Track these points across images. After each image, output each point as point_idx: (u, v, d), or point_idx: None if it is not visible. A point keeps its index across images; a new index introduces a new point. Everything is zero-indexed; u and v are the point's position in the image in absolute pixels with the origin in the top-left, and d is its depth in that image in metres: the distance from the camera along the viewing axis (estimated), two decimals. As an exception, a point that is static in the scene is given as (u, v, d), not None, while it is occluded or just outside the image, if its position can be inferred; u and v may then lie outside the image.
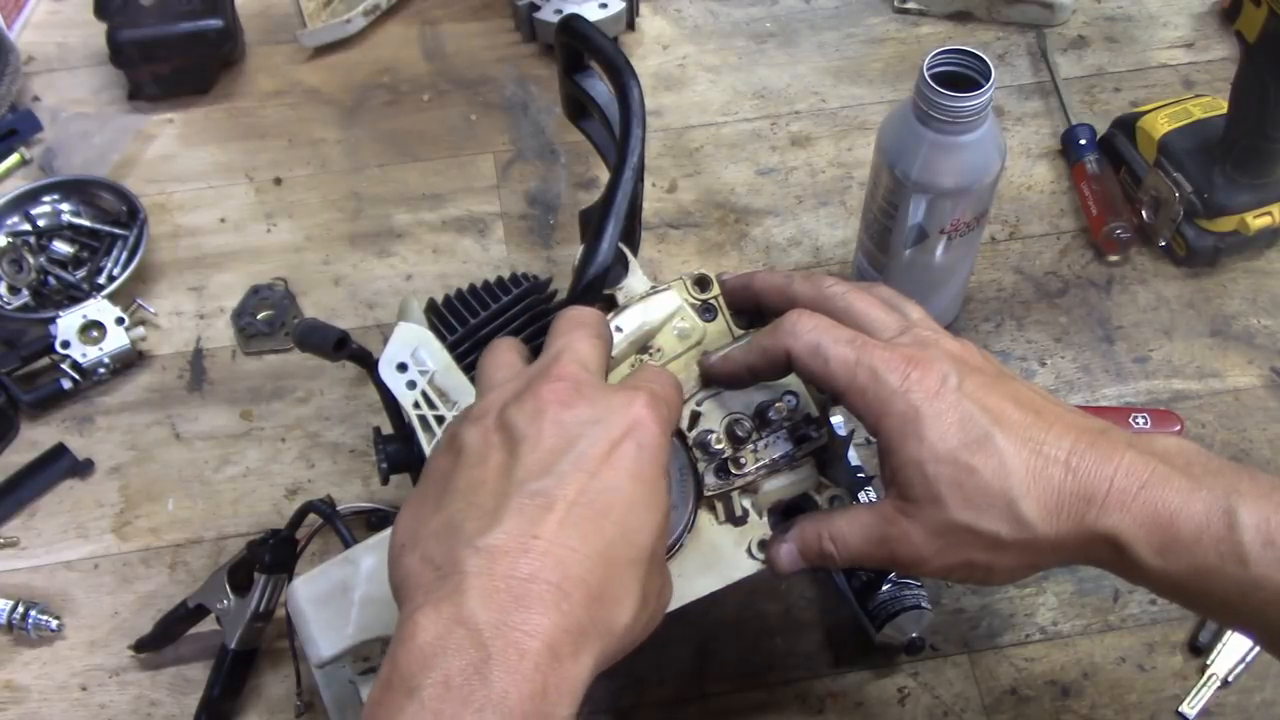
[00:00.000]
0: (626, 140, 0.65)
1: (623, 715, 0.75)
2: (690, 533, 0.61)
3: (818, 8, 1.13)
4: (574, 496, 0.48)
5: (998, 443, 0.55)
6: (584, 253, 0.63)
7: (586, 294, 0.62)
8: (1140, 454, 0.55)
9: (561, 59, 0.77)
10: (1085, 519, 0.54)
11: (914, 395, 0.56)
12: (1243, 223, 0.91)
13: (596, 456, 0.49)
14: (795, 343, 0.59)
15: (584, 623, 0.47)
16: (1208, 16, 1.12)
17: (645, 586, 0.50)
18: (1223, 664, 0.76)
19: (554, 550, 0.47)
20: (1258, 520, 0.52)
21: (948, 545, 0.56)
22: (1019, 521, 0.55)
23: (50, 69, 1.10)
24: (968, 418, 0.56)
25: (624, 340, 0.62)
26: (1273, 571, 0.52)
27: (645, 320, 0.63)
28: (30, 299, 0.93)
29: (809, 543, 0.61)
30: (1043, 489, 0.55)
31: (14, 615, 0.78)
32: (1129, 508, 0.54)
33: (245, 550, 0.75)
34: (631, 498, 0.49)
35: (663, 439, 0.52)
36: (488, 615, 0.44)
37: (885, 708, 0.75)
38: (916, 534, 0.57)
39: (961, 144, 0.79)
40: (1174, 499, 0.54)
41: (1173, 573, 0.54)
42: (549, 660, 0.45)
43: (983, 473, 0.55)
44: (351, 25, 1.10)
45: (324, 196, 1.01)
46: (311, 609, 0.60)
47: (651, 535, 0.50)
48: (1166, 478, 0.54)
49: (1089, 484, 0.55)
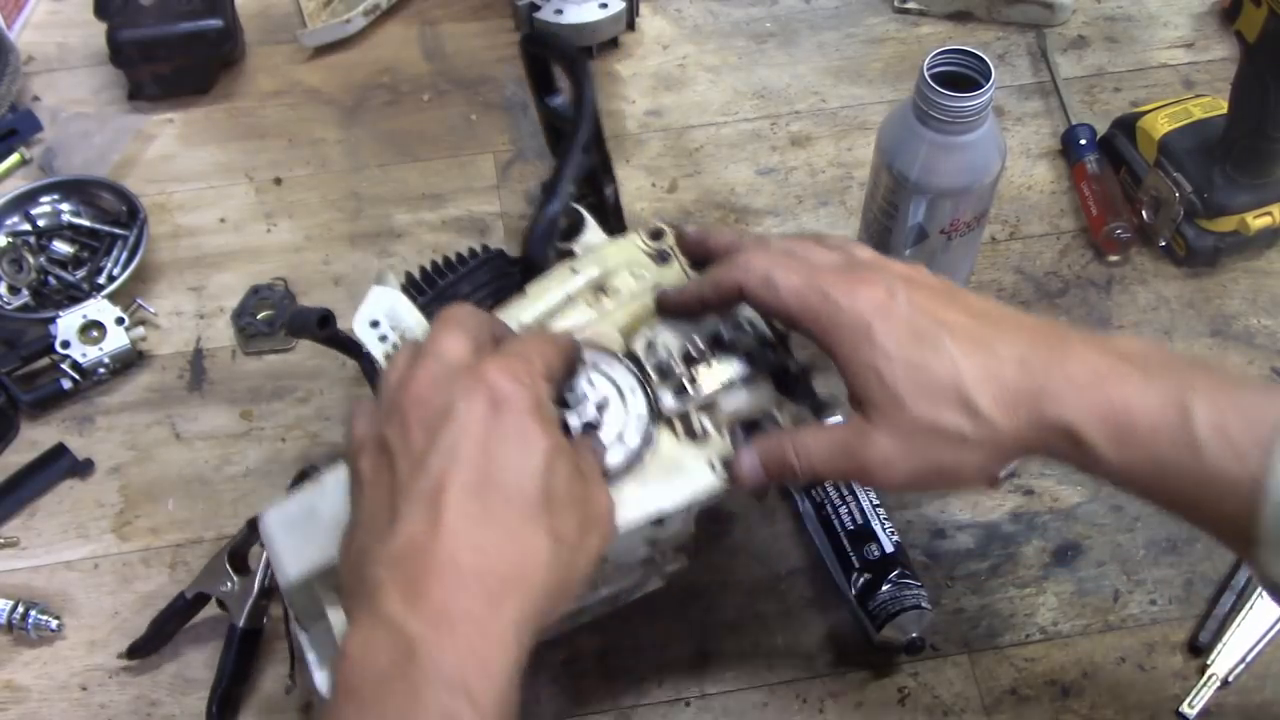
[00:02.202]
0: (580, 107, 0.72)
1: (623, 715, 0.75)
2: (651, 450, 0.62)
3: (818, 8, 1.13)
4: (451, 480, 0.50)
5: (947, 345, 0.57)
6: (537, 206, 0.68)
7: (541, 241, 0.67)
8: (1096, 350, 0.56)
9: (531, 80, 0.82)
10: (1043, 412, 0.55)
11: (862, 308, 0.58)
12: (1243, 223, 0.91)
13: (461, 437, 0.51)
14: (746, 276, 0.61)
15: (493, 584, 0.49)
16: (1208, 16, 1.12)
17: (553, 527, 0.51)
18: (1223, 664, 0.76)
19: (446, 534, 0.49)
20: (1211, 413, 0.53)
21: (912, 447, 0.57)
22: (976, 415, 0.56)
23: (50, 69, 1.10)
24: (916, 324, 0.57)
25: (582, 281, 0.66)
26: (1226, 464, 0.52)
27: (600, 264, 0.67)
28: (30, 299, 0.93)
29: (772, 453, 0.61)
30: (997, 385, 0.56)
31: (14, 615, 0.78)
32: (1085, 401, 0.55)
33: (245, 529, 0.76)
34: (503, 457, 0.51)
35: (520, 389, 0.53)
36: (402, 609, 0.48)
37: (885, 708, 0.75)
38: (881, 439, 0.58)
39: (961, 144, 0.79)
40: (1130, 392, 0.54)
41: (1130, 466, 0.54)
42: (467, 626, 0.48)
43: (936, 370, 0.56)
44: (351, 25, 1.10)
45: (324, 196, 1.01)
46: (281, 533, 0.60)
47: (536, 479, 0.51)
48: (1122, 372, 0.55)
49: (1044, 379, 0.56)
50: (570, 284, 0.66)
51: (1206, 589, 0.80)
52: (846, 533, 0.78)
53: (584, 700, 0.76)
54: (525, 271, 0.69)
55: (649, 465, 0.62)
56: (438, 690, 0.46)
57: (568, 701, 0.76)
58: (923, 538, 0.82)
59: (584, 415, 0.61)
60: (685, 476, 0.62)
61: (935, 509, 0.83)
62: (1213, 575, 0.80)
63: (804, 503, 0.81)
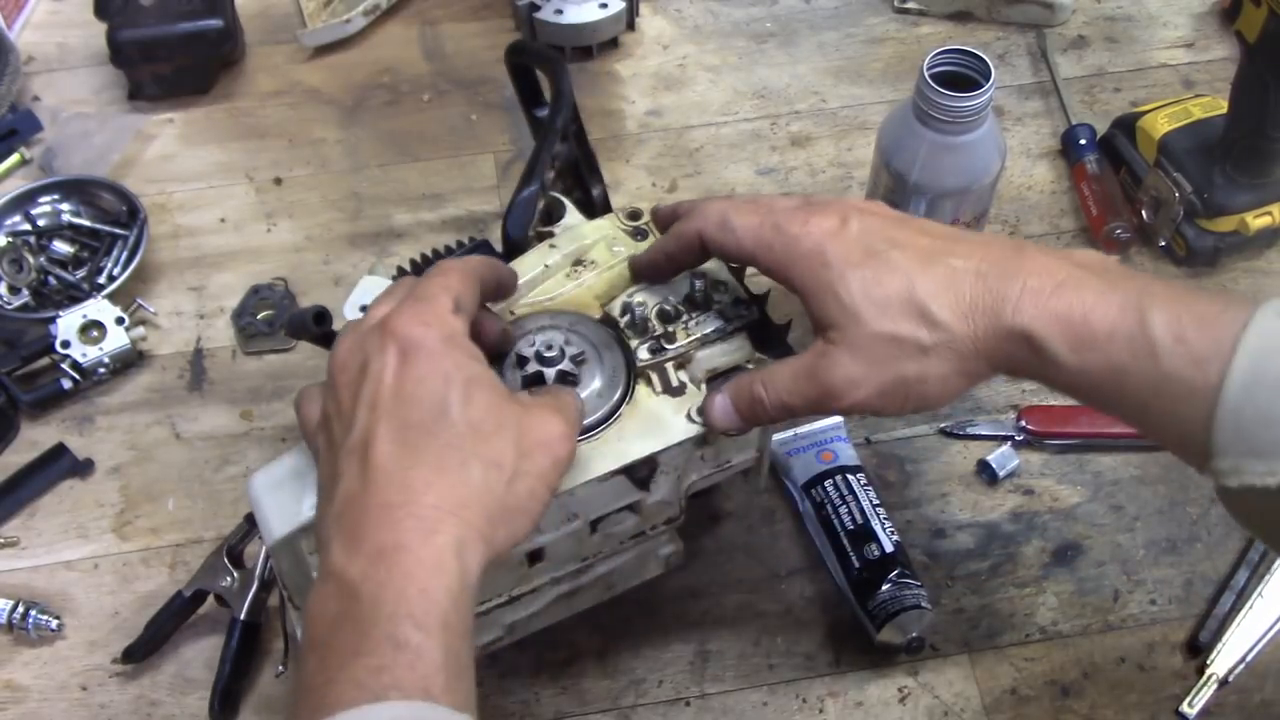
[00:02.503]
0: (558, 98, 0.75)
1: (623, 715, 0.75)
2: (629, 403, 0.64)
3: (818, 8, 1.13)
4: (374, 431, 0.52)
5: (901, 260, 0.58)
6: (516, 188, 0.72)
7: (518, 221, 0.71)
8: (1054, 259, 0.57)
9: (519, 92, 0.86)
10: (1000, 318, 0.56)
11: (815, 235, 0.59)
12: (1243, 223, 0.91)
13: (377, 389, 0.53)
14: (705, 222, 0.63)
15: (426, 515, 0.51)
16: (1208, 16, 1.12)
17: (483, 453, 0.53)
18: (1222, 664, 0.76)
19: (375, 480, 0.51)
20: (1168, 318, 0.53)
21: (874, 362, 0.58)
22: (934, 324, 0.56)
23: (50, 69, 1.10)
24: (870, 244, 0.58)
25: (560, 255, 0.69)
26: (1182, 368, 0.52)
27: (579, 240, 0.71)
28: (30, 299, 0.93)
29: (741, 392, 0.62)
30: (954, 295, 0.57)
31: (14, 615, 0.78)
32: (1043, 306, 0.55)
33: (244, 525, 0.77)
34: (417, 397, 0.53)
35: (426, 330, 0.54)
36: (344, 558, 0.50)
37: (885, 708, 0.75)
38: (843, 357, 0.58)
39: (961, 144, 0.79)
40: (1088, 298, 0.55)
41: (1088, 370, 0.55)
42: (403, 557, 0.49)
43: (891, 284, 0.57)
44: (351, 25, 1.10)
45: (324, 196, 1.01)
46: (267, 494, 0.62)
47: (453, 411, 0.53)
48: (1080, 279, 0.55)
49: (1001, 287, 0.56)
50: (549, 257, 0.69)
51: (1206, 589, 0.80)
52: (846, 533, 0.78)
53: (584, 700, 0.76)
54: (508, 253, 0.71)
55: (627, 418, 0.64)
56: (381, 622, 0.48)
57: (568, 701, 0.76)
58: (923, 538, 0.82)
59: (560, 367, 0.63)
60: (662, 427, 0.64)
61: (935, 509, 0.83)
62: (1213, 575, 0.80)
63: (804, 503, 0.81)
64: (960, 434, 0.86)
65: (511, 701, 0.76)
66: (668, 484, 0.67)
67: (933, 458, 0.85)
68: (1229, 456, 0.51)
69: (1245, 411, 0.50)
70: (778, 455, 0.83)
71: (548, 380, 0.63)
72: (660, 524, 0.69)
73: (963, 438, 0.86)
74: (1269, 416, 0.50)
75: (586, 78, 1.08)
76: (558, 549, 0.66)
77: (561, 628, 0.74)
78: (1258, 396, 0.50)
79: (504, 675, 0.77)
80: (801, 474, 0.82)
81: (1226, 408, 0.50)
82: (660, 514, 0.69)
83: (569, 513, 0.65)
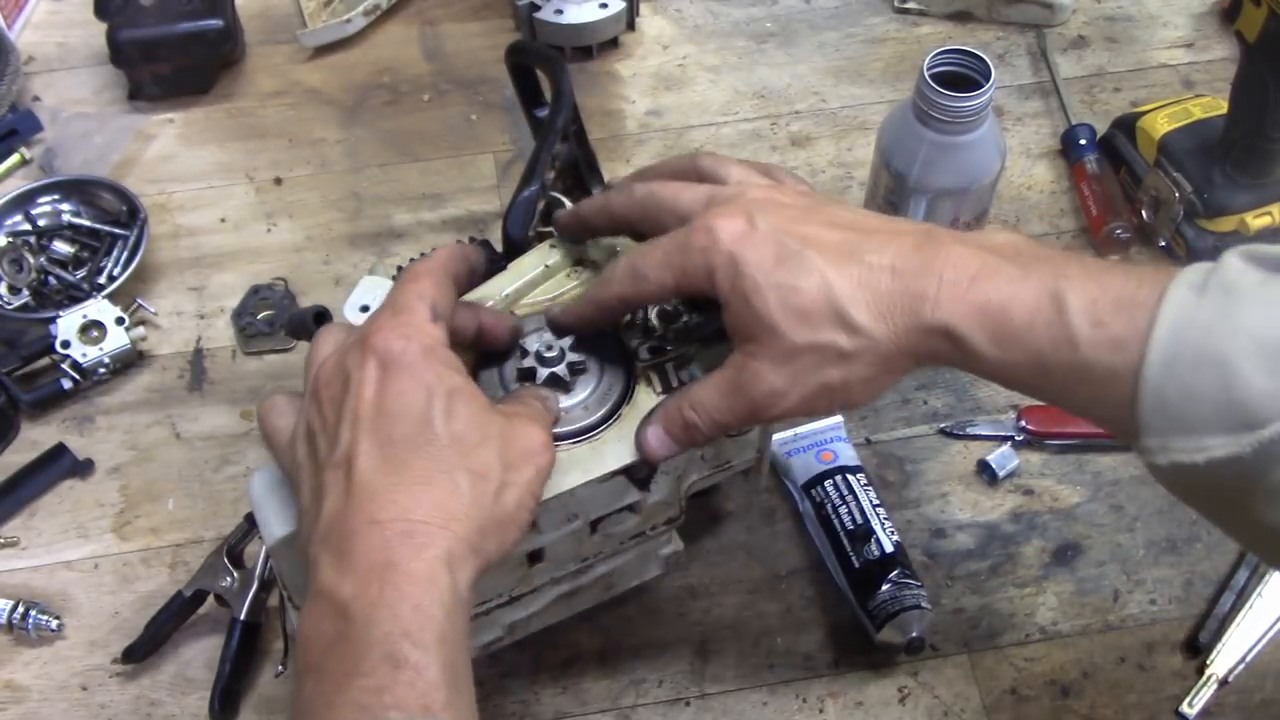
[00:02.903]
0: (558, 98, 0.75)
1: (623, 715, 0.75)
2: (629, 403, 0.64)
3: (818, 8, 1.13)
4: (357, 446, 0.52)
5: (815, 262, 0.56)
6: (516, 188, 0.72)
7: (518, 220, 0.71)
8: (968, 248, 0.56)
9: (519, 92, 0.85)
10: (920, 316, 0.55)
11: (725, 244, 0.57)
12: (1243, 223, 0.91)
13: (359, 404, 0.53)
14: (620, 286, 0.61)
15: (415, 530, 0.51)
16: (1208, 16, 1.12)
17: (468, 465, 0.53)
18: (1222, 664, 0.76)
19: (360, 496, 0.51)
20: (1085, 302, 0.52)
21: (797, 372, 0.57)
22: (853, 329, 0.55)
23: (50, 69, 1.10)
24: (781, 246, 0.56)
25: (560, 255, 0.69)
26: (1102, 353, 0.51)
27: None
28: (30, 299, 0.93)
29: (671, 417, 0.61)
30: (870, 295, 0.55)
31: (14, 615, 0.78)
32: (961, 300, 0.54)
33: (244, 525, 0.77)
34: (399, 411, 0.53)
35: (405, 343, 0.54)
36: (335, 577, 0.50)
37: (885, 708, 0.75)
38: (765, 369, 0.57)
39: (961, 144, 0.79)
40: (1004, 288, 0.54)
41: (1010, 363, 0.54)
42: (393, 575, 0.49)
43: (806, 289, 0.56)
44: (351, 25, 1.10)
45: (324, 196, 1.01)
46: (267, 494, 0.62)
47: (436, 424, 0.52)
48: (996, 268, 0.54)
49: (917, 283, 0.55)
50: (549, 257, 0.69)
51: (1206, 589, 0.80)
52: (846, 533, 0.78)
53: (584, 700, 0.76)
54: (508, 252, 0.71)
55: (627, 418, 0.63)
56: (376, 642, 0.48)
57: (568, 701, 0.76)
58: (923, 538, 0.82)
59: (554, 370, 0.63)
60: None
61: (935, 509, 0.83)
62: (1212, 575, 0.80)
63: (804, 503, 0.81)
64: (960, 434, 0.86)
65: (511, 701, 0.76)
66: (667, 484, 0.67)
67: (933, 458, 0.86)
68: (1155, 435, 0.50)
69: (1167, 390, 0.50)
70: (778, 455, 0.83)
71: (538, 380, 0.63)
72: (660, 524, 0.69)
73: (963, 438, 0.86)
74: (1190, 393, 0.49)
75: (586, 78, 1.08)
76: (558, 549, 0.66)
77: (561, 628, 0.74)
78: (1178, 374, 0.49)
79: (504, 675, 0.77)
80: (801, 474, 0.82)
81: (1148, 388, 0.50)
82: (660, 514, 0.69)
83: (569, 513, 0.65)
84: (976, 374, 0.57)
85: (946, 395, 0.88)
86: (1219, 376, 0.48)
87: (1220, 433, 0.48)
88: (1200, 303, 0.50)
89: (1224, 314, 0.49)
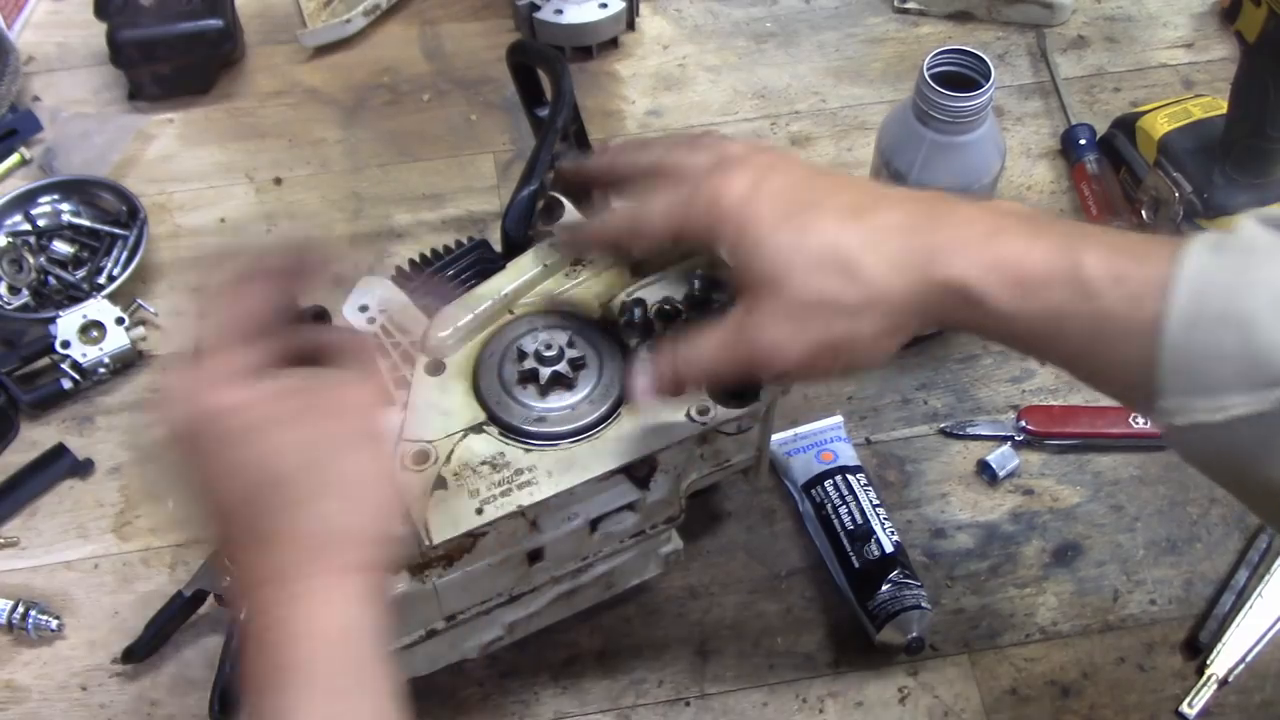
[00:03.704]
0: (559, 97, 0.76)
1: (623, 715, 0.75)
2: (629, 402, 0.64)
3: (818, 8, 1.13)
4: (220, 506, 0.52)
5: (824, 218, 0.55)
6: (516, 187, 0.72)
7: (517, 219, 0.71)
8: (981, 210, 0.55)
9: (520, 91, 0.86)
10: (931, 270, 0.54)
11: (733, 196, 0.56)
12: (1243, 223, 0.91)
13: (205, 467, 0.52)
14: (617, 232, 0.62)
15: (301, 564, 0.51)
16: (1208, 16, 1.12)
17: (329, 485, 0.51)
18: (1222, 664, 0.76)
19: (236, 550, 0.52)
20: (1103, 260, 0.52)
21: (801, 324, 0.56)
22: (861, 281, 0.54)
23: (50, 69, 1.10)
24: (789, 203, 0.56)
25: (558, 254, 0.70)
26: (1121, 306, 0.51)
27: None
28: (30, 299, 0.93)
29: (663, 363, 0.60)
30: (880, 251, 0.55)
31: (14, 615, 0.78)
32: (975, 256, 0.54)
33: None
34: (245, 460, 0.51)
35: (223, 395, 0.52)
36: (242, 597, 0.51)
37: (885, 708, 0.75)
38: (769, 320, 0.56)
39: (961, 144, 0.79)
40: (1019, 244, 0.53)
41: (1025, 318, 0.53)
42: (261, 606, 0.50)
43: (814, 241, 0.55)
44: (351, 25, 1.10)
45: (324, 196, 1.01)
46: None
47: (282, 459, 0.51)
48: (1010, 227, 0.54)
49: (929, 240, 0.54)
50: (548, 256, 0.69)
51: (1206, 589, 0.80)
52: (846, 533, 0.78)
53: (584, 700, 0.76)
54: (508, 252, 0.71)
55: (626, 417, 0.64)
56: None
57: (568, 701, 0.76)
58: (923, 538, 0.82)
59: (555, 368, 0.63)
60: (661, 426, 0.63)
61: (935, 509, 0.83)
62: (1212, 575, 0.80)
63: (804, 503, 0.81)
64: (960, 434, 0.86)
65: (511, 701, 0.76)
66: (667, 483, 0.67)
67: (933, 458, 0.85)
68: (1174, 395, 0.50)
69: (1188, 347, 0.49)
70: (778, 455, 0.83)
71: (542, 379, 0.63)
72: (660, 523, 0.69)
73: (963, 438, 0.86)
74: (1212, 351, 0.49)
75: (586, 78, 1.08)
76: (558, 548, 0.66)
77: (561, 628, 0.74)
78: (1200, 331, 0.49)
79: (504, 675, 0.77)
80: (801, 474, 0.82)
81: (1169, 345, 0.49)
82: (660, 513, 0.69)
83: (569, 512, 0.65)
84: (986, 335, 0.56)
85: (946, 395, 0.88)
86: (1241, 334, 0.48)
87: (1242, 390, 0.48)
88: (1220, 262, 0.49)
89: (1244, 272, 0.49)
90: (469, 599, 0.66)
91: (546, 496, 0.60)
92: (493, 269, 0.70)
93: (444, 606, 0.65)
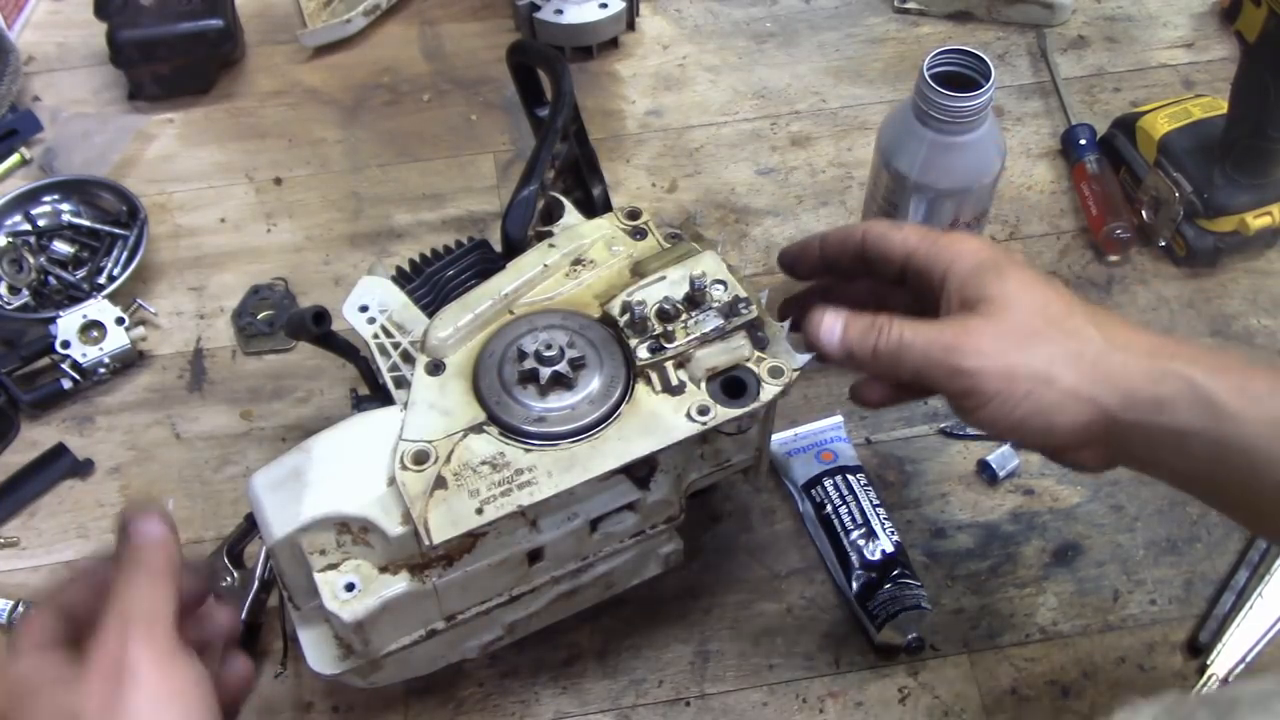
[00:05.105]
0: (559, 97, 0.76)
1: (623, 715, 0.75)
2: (628, 402, 0.64)
3: (818, 8, 1.13)
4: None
5: (1058, 288, 0.60)
6: (516, 187, 0.72)
7: (517, 220, 0.72)
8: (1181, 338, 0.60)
9: (520, 91, 0.86)
10: (1163, 361, 0.56)
11: (975, 243, 0.61)
12: (1243, 223, 0.91)
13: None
14: (870, 225, 0.66)
15: None
16: (1208, 16, 1.12)
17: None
18: (1223, 664, 0.76)
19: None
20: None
21: (1013, 344, 0.57)
22: (1088, 339, 0.57)
23: (50, 69, 1.10)
24: (1027, 275, 0.60)
25: (559, 254, 0.70)
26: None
27: (577, 239, 0.71)
28: (30, 299, 0.93)
29: (862, 319, 0.62)
30: (1112, 331, 0.58)
31: (14, 615, 0.78)
32: (1202, 357, 0.56)
33: (244, 524, 0.77)
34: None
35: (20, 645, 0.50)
36: None
37: (885, 708, 0.75)
38: (985, 327, 0.58)
39: (961, 144, 0.79)
40: (1234, 359, 0.56)
41: (1254, 423, 0.54)
42: None
43: (1055, 294, 0.59)
44: (351, 25, 1.10)
45: (324, 196, 1.01)
46: (267, 494, 0.62)
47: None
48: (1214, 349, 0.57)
49: (1158, 338, 0.58)
50: (548, 256, 0.69)
51: (1206, 589, 0.80)
52: (846, 533, 0.78)
53: (584, 700, 0.76)
54: (507, 252, 0.72)
55: (626, 417, 0.64)
56: None
57: (568, 701, 0.76)
58: (923, 538, 0.82)
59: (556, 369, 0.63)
60: (662, 426, 0.63)
61: (935, 509, 0.83)
62: (1213, 575, 0.80)
63: (804, 503, 0.81)
64: (960, 434, 0.86)
65: (511, 701, 0.76)
66: (667, 483, 0.67)
67: (933, 458, 0.85)
68: None
69: None
70: (778, 455, 0.83)
71: (542, 379, 0.63)
72: (660, 523, 0.69)
73: (963, 438, 0.86)
74: None
75: (586, 78, 1.08)
76: (558, 548, 0.66)
77: (561, 628, 0.74)
78: None
79: (504, 675, 0.77)
80: (801, 474, 0.82)
81: None
82: (660, 513, 0.69)
83: (569, 512, 0.65)
84: (1203, 443, 0.56)
85: (946, 395, 0.88)
86: None
87: None
88: None
89: None
90: (469, 599, 0.66)
91: (546, 496, 0.60)
92: (493, 269, 0.70)
93: (444, 606, 0.65)
